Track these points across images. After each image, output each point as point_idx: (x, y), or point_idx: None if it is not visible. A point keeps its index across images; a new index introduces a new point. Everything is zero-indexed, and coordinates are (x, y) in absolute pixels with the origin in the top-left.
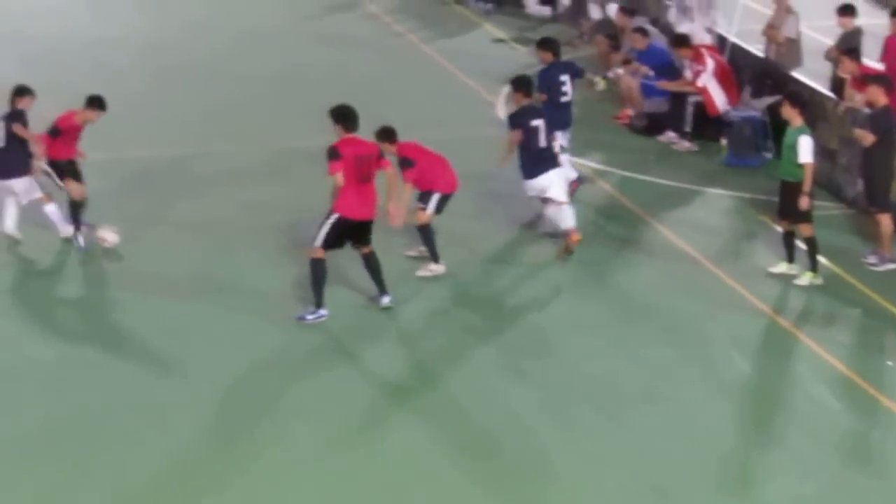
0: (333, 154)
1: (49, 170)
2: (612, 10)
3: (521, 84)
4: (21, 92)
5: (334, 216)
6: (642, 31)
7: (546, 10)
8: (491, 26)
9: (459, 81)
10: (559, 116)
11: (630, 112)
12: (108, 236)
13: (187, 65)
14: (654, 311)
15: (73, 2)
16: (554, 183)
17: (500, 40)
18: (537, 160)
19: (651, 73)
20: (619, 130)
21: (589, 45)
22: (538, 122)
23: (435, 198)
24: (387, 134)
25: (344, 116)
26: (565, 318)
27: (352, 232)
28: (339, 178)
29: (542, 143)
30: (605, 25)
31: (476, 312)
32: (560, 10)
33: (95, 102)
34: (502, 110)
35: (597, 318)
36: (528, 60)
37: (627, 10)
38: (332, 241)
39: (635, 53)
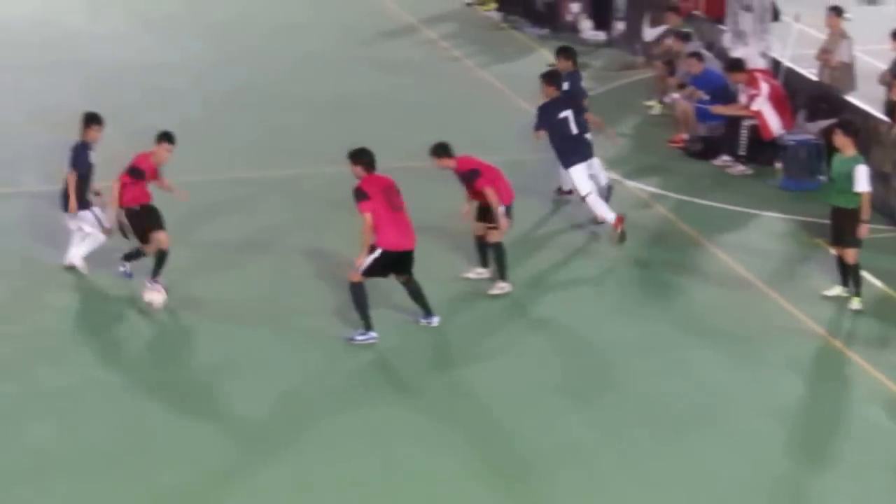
0: (362, 195)
1: (126, 222)
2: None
3: (551, 78)
4: (89, 121)
5: (378, 251)
6: (698, 56)
7: (601, 35)
8: (546, 51)
9: (516, 105)
10: (580, 140)
11: (685, 136)
12: (156, 298)
13: (245, 90)
14: (709, 333)
15: (133, 28)
16: (597, 170)
17: (556, 65)
18: (573, 147)
19: (706, 97)
20: (674, 154)
21: (647, 69)
22: (566, 113)
23: (500, 213)
24: (444, 149)
25: (360, 156)
26: (621, 340)
27: (396, 263)
28: (369, 217)
29: (574, 130)
30: (667, 51)
31: (531, 333)
32: (615, 34)
33: (165, 138)
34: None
35: (653, 339)
36: (583, 85)
37: (682, 35)
38: (374, 271)
39: (690, 78)
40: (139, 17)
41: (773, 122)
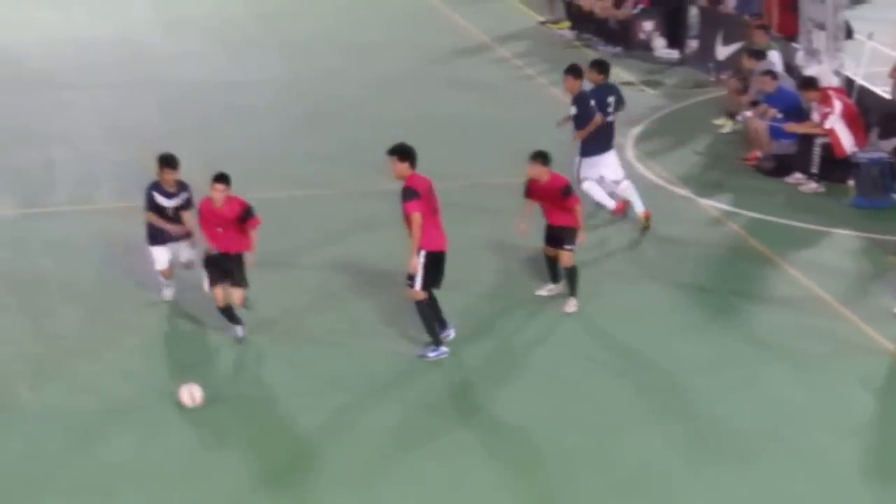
0: (413, 194)
1: (200, 262)
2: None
3: (576, 72)
4: (161, 164)
5: (423, 254)
6: (771, 74)
7: (674, 53)
8: (619, 69)
9: None
10: (606, 133)
11: (758, 154)
12: (195, 395)
13: (322, 109)
14: (781, 351)
15: (211, 47)
16: (611, 163)
17: (629, 83)
18: (598, 137)
19: (779, 115)
20: (747, 172)
21: (719, 87)
22: (593, 102)
23: (578, 237)
24: (546, 158)
25: (409, 153)
26: (691, 358)
27: (439, 265)
28: (419, 217)
29: (611, 117)
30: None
31: (598, 351)
32: (688, 52)
33: (214, 178)
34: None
35: (723, 357)
36: (656, 102)
37: (755, 53)
38: (429, 280)
39: (763, 96)
40: (215, 36)
41: (846, 140)
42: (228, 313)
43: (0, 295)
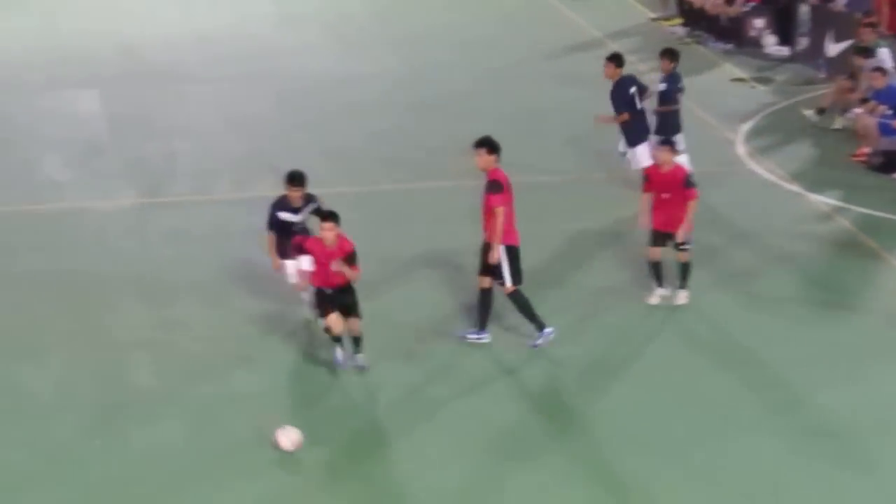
0: (500, 187)
1: (312, 299)
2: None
3: (618, 60)
4: (287, 181)
5: (503, 249)
6: (881, 71)
7: (784, 50)
8: (730, 65)
9: (699, 119)
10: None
11: (867, 150)
12: (292, 439)
13: (433, 102)
14: (889, 346)
15: (326, 41)
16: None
17: (740, 79)
18: (636, 125)
19: (888, 111)
20: (856, 168)
21: (829, 84)
22: (633, 90)
23: (682, 234)
24: (675, 146)
25: (496, 146)
26: (799, 352)
27: (518, 258)
28: (502, 210)
29: (638, 106)
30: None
31: (711, 347)
32: (798, 49)
33: (324, 217)
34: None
35: (831, 352)
36: (766, 99)
37: (863, 51)
38: (518, 272)
39: (872, 93)
40: (332, 30)
41: None
42: (341, 341)
43: (121, 283)
